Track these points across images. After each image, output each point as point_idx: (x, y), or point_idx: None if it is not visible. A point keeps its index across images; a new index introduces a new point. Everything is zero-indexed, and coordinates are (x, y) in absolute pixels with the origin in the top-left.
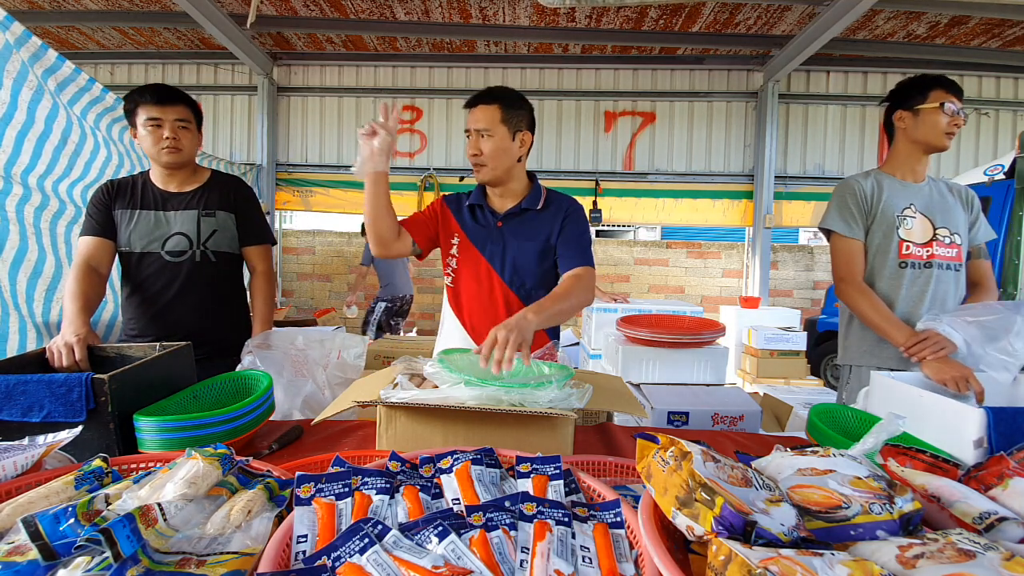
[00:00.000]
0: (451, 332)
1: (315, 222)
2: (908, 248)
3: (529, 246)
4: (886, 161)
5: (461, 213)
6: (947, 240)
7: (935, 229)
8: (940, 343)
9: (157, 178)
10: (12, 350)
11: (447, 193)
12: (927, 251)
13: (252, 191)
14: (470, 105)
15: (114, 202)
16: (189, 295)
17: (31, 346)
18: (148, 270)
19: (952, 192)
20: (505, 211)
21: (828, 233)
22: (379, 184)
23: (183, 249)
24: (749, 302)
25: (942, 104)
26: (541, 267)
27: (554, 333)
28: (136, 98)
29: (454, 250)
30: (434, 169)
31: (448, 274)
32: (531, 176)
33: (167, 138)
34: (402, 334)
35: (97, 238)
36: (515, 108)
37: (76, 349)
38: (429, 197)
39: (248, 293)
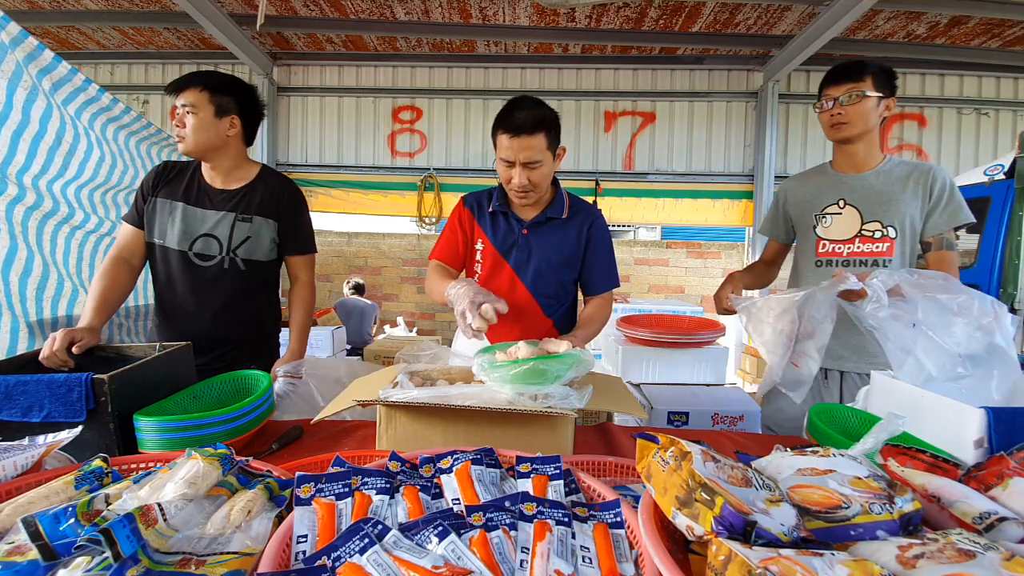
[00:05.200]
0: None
1: (315, 222)
2: (825, 246)
3: (554, 256)
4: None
5: (483, 217)
6: (878, 235)
7: (862, 224)
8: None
9: (204, 170)
10: (3, 350)
11: (466, 194)
12: (848, 248)
13: (302, 195)
14: (510, 132)
15: (158, 189)
16: (211, 302)
17: (23, 346)
18: (173, 269)
19: (909, 179)
20: (531, 220)
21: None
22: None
23: (212, 253)
24: None
25: (820, 103)
26: (564, 277)
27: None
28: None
29: (478, 256)
30: (434, 169)
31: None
32: (554, 181)
33: (174, 127)
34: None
35: (132, 227)
36: (557, 129)
37: (57, 339)
38: (429, 197)
39: (287, 301)
